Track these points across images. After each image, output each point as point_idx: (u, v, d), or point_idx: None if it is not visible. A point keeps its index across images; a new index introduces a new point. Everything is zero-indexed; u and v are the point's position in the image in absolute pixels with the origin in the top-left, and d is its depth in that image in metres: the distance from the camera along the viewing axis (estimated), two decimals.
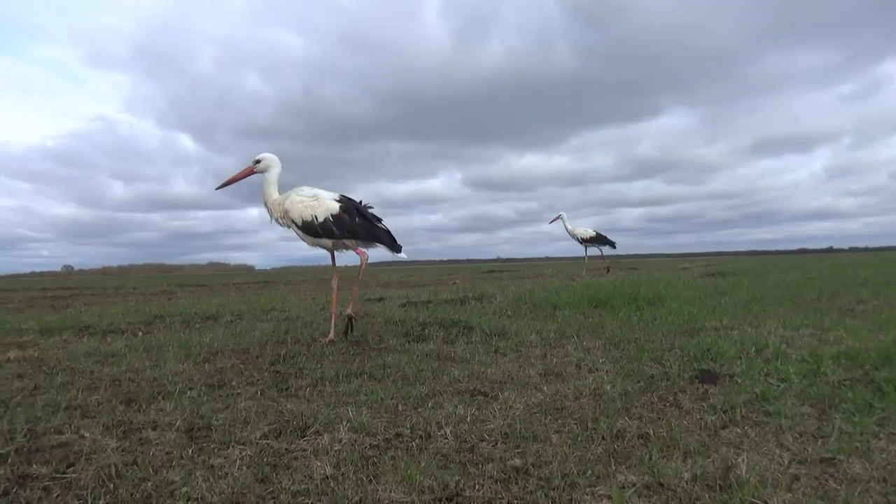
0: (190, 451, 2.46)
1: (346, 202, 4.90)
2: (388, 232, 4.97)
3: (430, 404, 3.10)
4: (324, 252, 5.12)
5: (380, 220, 5.00)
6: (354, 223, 4.81)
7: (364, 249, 5.05)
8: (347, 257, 5.25)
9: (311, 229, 4.82)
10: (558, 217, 16.03)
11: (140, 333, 5.79)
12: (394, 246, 4.97)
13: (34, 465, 2.32)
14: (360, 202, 5.03)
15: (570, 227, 15.96)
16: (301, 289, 15.53)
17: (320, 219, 4.78)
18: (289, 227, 4.95)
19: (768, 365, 3.68)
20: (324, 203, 4.82)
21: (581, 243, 16.13)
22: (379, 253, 5.11)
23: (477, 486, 2.12)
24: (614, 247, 16.69)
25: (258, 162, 5.00)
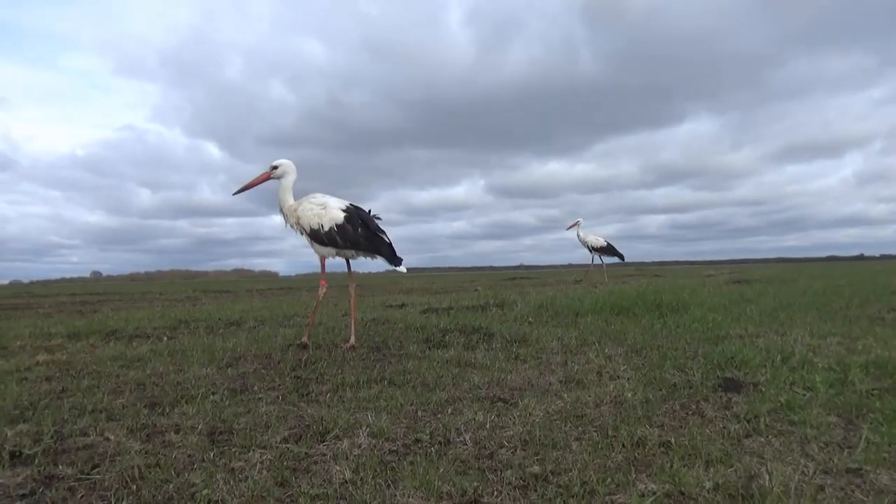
0: (211, 454, 2.49)
1: (351, 212, 4.93)
2: (389, 245, 5.01)
3: (449, 410, 3.10)
4: (341, 259, 5.17)
5: (384, 231, 5.04)
6: (357, 234, 4.86)
7: (325, 281, 5.15)
8: (364, 265, 5.31)
9: (318, 237, 4.90)
10: (576, 223, 16.06)
11: (165, 338, 5.86)
12: (393, 259, 5.01)
13: (60, 466, 2.36)
14: (370, 211, 5.08)
15: (581, 234, 16.04)
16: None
17: (325, 228, 4.85)
18: (301, 233, 5.04)
19: (794, 374, 3.62)
20: (329, 212, 4.89)
21: (591, 252, 16.19)
22: (379, 263, 5.19)
23: (496, 493, 2.12)
24: (622, 259, 16.77)
25: (275, 168, 5.07)
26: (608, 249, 16.14)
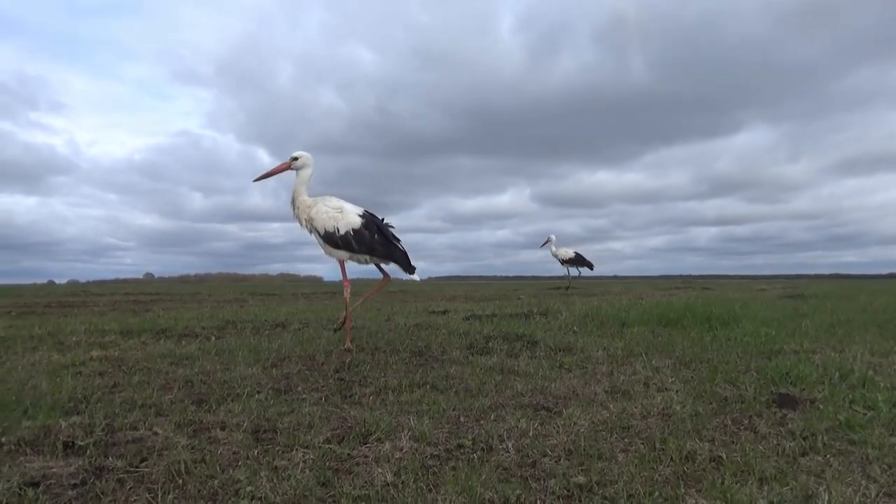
0: (255, 451, 2.51)
1: (368, 218, 4.97)
2: (404, 252, 5.04)
3: (492, 417, 3.07)
4: (385, 266, 5.20)
5: (398, 239, 5.07)
6: (373, 240, 4.89)
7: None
8: (369, 271, 5.32)
9: (332, 240, 4.91)
10: (549, 240, 16.55)
11: (213, 338, 5.97)
12: (408, 267, 5.05)
13: (110, 458, 2.42)
14: (383, 220, 5.11)
15: (553, 249, 16.64)
16: (367, 300, 15.76)
17: (341, 231, 4.87)
18: (311, 232, 5.07)
19: (853, 392, 3.46)
20: (347, 216, 4.91)
21: (562, 264, 16.70)
22: (391, 269, 5.25)
23: (538, 502, 2.08)
24: (591, 268, 17.12)
25: (295, 159, 5.13)
26: (577, 260, 16.78)
